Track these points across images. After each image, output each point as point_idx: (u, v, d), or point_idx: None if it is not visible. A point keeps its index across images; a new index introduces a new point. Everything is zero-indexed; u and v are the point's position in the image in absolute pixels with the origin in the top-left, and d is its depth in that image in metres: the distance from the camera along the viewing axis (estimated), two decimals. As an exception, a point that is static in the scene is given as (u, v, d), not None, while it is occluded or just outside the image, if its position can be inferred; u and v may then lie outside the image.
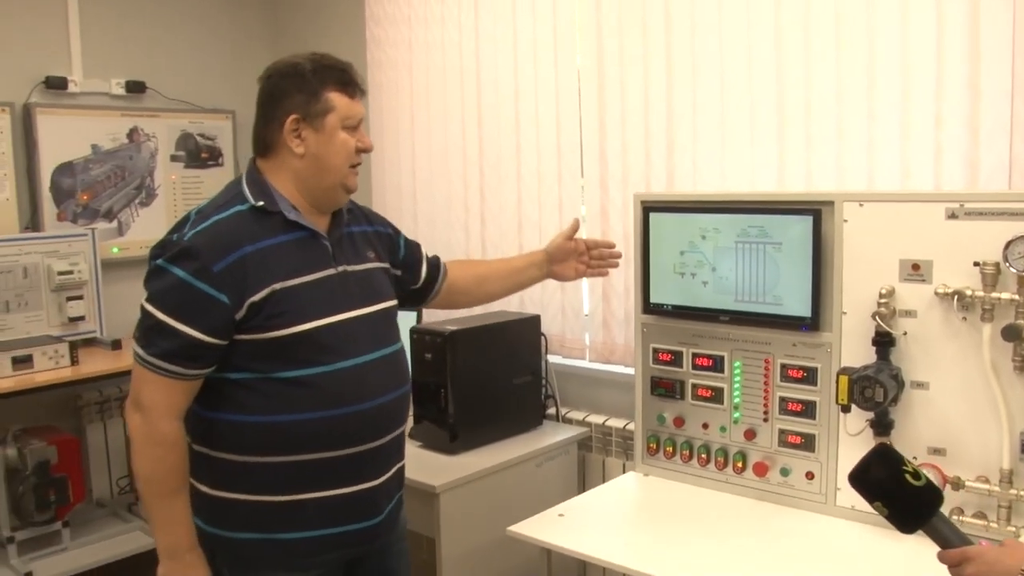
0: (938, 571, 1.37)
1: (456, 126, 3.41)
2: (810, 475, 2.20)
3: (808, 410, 2.20)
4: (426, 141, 3.53)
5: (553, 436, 2.97)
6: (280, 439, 1.73)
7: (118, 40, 3.79)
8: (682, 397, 2.43)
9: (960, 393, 1.96)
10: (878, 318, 2.00)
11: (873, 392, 1.94)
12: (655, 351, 2.47)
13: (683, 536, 2.11)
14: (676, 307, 2.40)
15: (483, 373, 2.87)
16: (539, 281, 2.29)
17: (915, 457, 2.01)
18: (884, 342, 2.01)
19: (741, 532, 2.12)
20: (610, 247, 2.30)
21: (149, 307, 1.69)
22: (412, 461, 2.49)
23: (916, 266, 1.98)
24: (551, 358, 3.17)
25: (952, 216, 1.92)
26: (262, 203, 1.75)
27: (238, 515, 1.77)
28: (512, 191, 3.25)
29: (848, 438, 2.11)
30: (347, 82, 1.80)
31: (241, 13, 4.19)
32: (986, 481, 1.93)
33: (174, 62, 3.96)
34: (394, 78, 3.64)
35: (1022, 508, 1.90)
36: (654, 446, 2.50)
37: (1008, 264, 1.83)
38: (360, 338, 1.81)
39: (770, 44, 2.52)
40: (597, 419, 3.05)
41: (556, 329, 3.16)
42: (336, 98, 1.78)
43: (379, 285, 1.93)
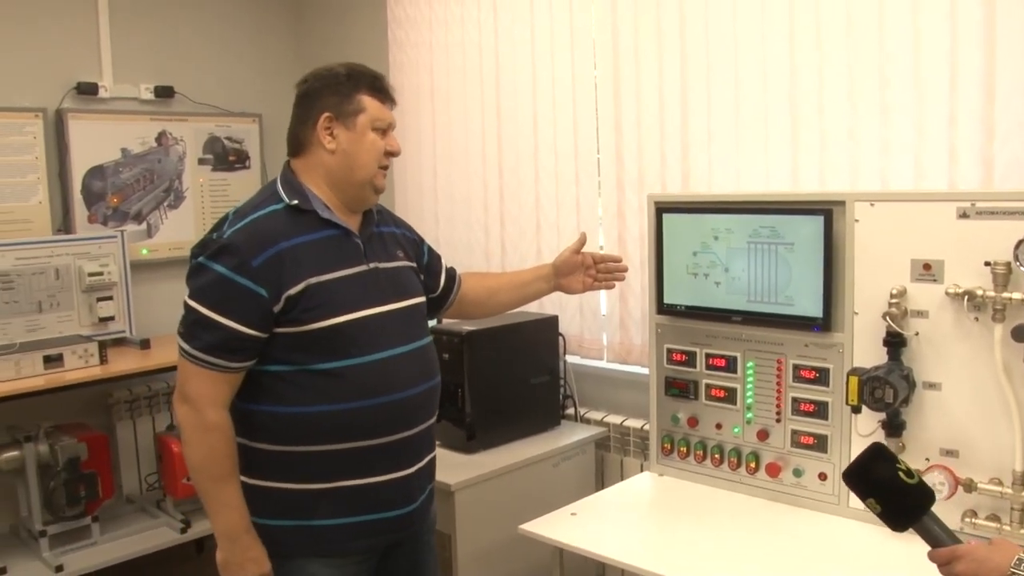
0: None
1: (476, 127, 3.44)
2: (823, 476, 2.19)
3: (820, 411, 2.19)
4: (447, 142, 3.57)
5: (570, 436, 2.99)
6: (315, 429, 1.79)
7: (147, 46, 3.87)
8: (696, 397, 2.43)
9: (973, 394, 1.94)
10: (889, 318, 1.99)
11: (883, 393, 1.93)
12: (669, 351, 2.48)
13: (695, 536, 2.12)
14: (689, 307, 2.41)
15: (501, 373, 2.89)
16: (547, 294, 2.31)
17: (927, 459, 2.00)
18: (895, 343, 2.00)
19: (753, 532, 2.12)
20: (617, 260, 2.31)
21: (192, 303, 1.76)
22: (430, 460, 2.53)
23: (927, 266, 1.97)
24: (569, 358, 3.19)
25: (963, 215, 1.91)
26: (296, 201, 1.82)
27: (275, 503, 1.82)
28: (530, 192, 3.27)
29: (860, 439, 2.10)
30: (379, 88, 1.90)
31: (267, 19, 4.26)
32: (999, 483, 1.91)
33: (202, 67, 4.04)
34: (415, 80, 3.68)
35: (1035, 510, 1.88)
36: (668, 446, 2.51)
37: (1019, 264, 1.81)
38: (391, 332, 1.86)
39: (784, 45, 2.52)
40: (615, 419, 3.06)
41: (574, 329, 3.18)
42: (368, 100, 1.86)
43: (408, 282, 1.98)
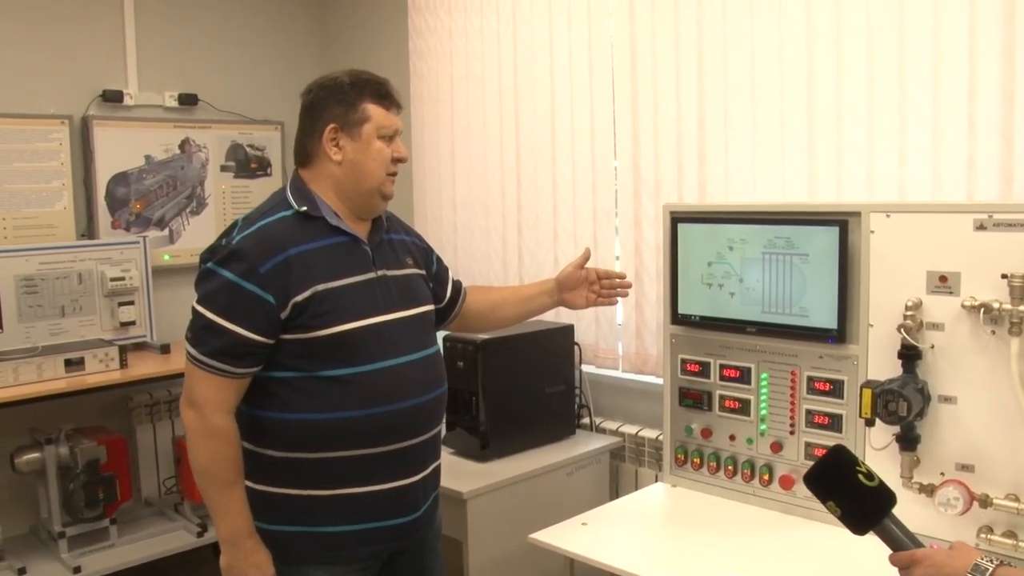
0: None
1: (494, 136, 3.45)
2: (837, 489, 2.17)
3: (834, 423, 2.17)
4: (465, 151, 3.58)
5: (585, 446, 2.98)
6: (321, 436, 1.79)
7: (172, 55, 3.92)
8: (709, 408, 2.42)
9: (989, 408, 1.91)
10: (903, 331, 1.96)
11: (897, 406, 1.91)
12: (683, 362, 2.46)
13: (706, 548, 2.10)
14: (704, 318, 2.39)
15: (515, 382, 2.89)
16: (550, 309, 2.30)
17: (943, 473, 1.98)
18: (910, 355, 1.98)
19: (765, 545, 2.10)
20: (620, 277, 2.30)
21: (200, 308, 1.77)
22: (443, 467, 2.51)
23: (943, 278, 1.95)
24: (585, 367, 3.18)
25: (980, 227, 1.88)
26: (305, 208, 1.83)
27: (280, 509, 1.83)
28: (548, 201, 3.27)
29: (875, 453, 2.07)
30: (384, 95, 1.89)
31: (290, 28, 4.30)
32: (1016, 499, 1.87)
33: (225, 75, 4.08)
34: (435, 89, 3.70)
35: (1053, 528, 1.85)
36: (682, 457, 2.49)
37: (1037, 277, 1.79)
38: (398, 339, 1.87)
39: (801, 55, 2.50)
40: (630, 429, 3.05)
41: (590, 339, 3.17)
42: (372, 109, 1.86)
43: (417, 290, 1.99)
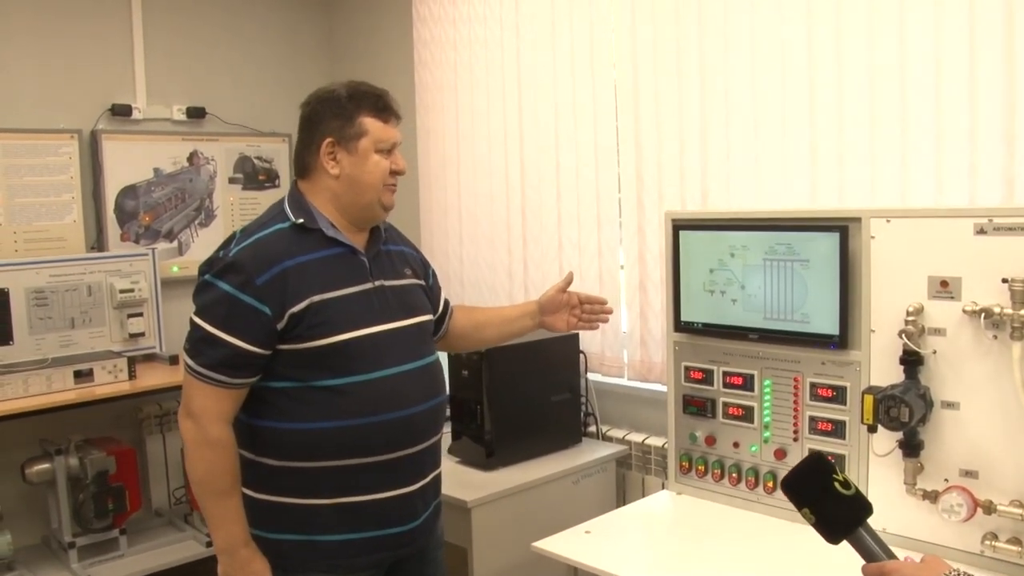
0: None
1: (498, 145, 3.46)
2: (841, 496, 2.16)
3: (838, 430, 2.16)
4: (470, 160, 3.60)
5: (591, 454, 2.98)
6: (319, 445, 1.80)
7: (180, 69, 3.96)
8: (713, 415, 2.41)
9: (992, 414, 1.90)
10: (905, 336, 1.96)
11: (899, 412, 1.90)
12: (687, 369, 2.46)
13: (710, 555, 2.10)
14: (706, 325, 2.39)
15: (520, 390, 2.90)
16: (531, 331, 2.29)
17: (946, 479, 1.96)
18: (912, 361, 1.97)
19: (769, 552, 2.10)
20: (602, 303, 2.27)
21: (197, 320, 1.80)
22: (449, 476, 2.53)
23: (945, 283, 1.94)
24: (590, 376, 3.19)
25: (981, 232, 1.88)
26: (302, 220, 1.85)
27: (279, 517, 1.84)
28: (552, 210, 3.28)
29: (878, 459, 2.06)
30: (381, 108, 1.88)
31: (296, 40, 4.34)
32: (1020, 505, 1.86)
33: (232, 88, 4.12)
34: (440, 98, 3.72)
35: (1058, 534, 1.84)
36: (686, 464, 2.48)
37: (1037, 281, 1.78)
38: (396, 349, 1.88)
39: (803, 62, 2.51)
40: (636, 437, 3.05)
41: (595, 347, 3.17)
42: (370, 123, 1.85)
43: (415, 300, 2.00)
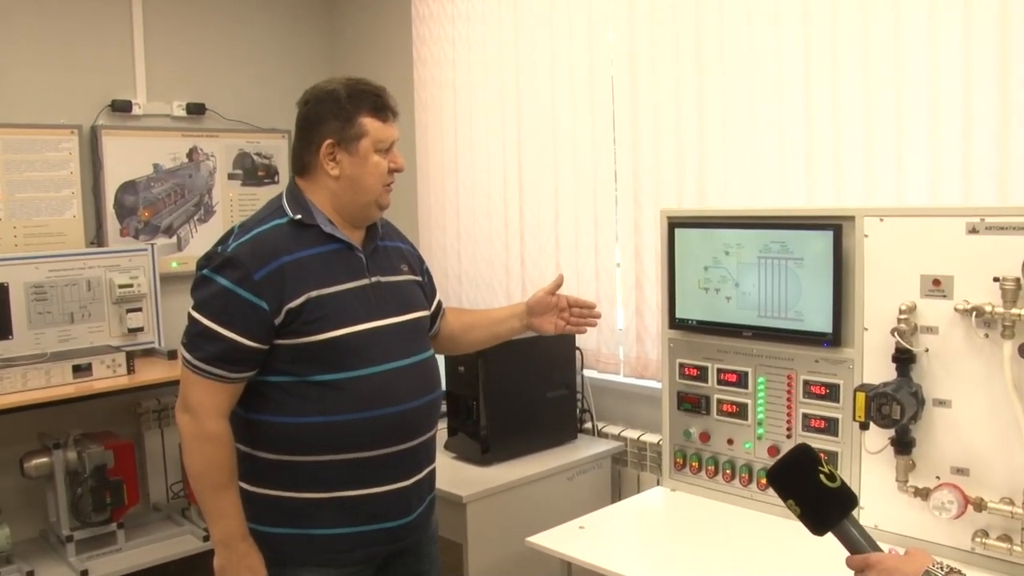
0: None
1: (496, 143, 3.47)
2: (833, 493, 2.17)
3: (831, 427, 2.17)
4: (468, 157, 3.61)
5: (586, 450, 2.99)
6: (315, 439, 1.82)
7: (180, 65, 3.98)
8: (708, 412, 2.42)
9: (984, 412, 1.91)
10: (897, 334, 1.97)
11: (890, 409, 1.91)
12: (681, 366, 2.47)
13: (703, 552, 2.11)
14: (701, 322, 2.40)
15: (516, 386, 2.91)
16: (520, 333, 2.27)
17: (938, 477, 1.97)
18: (904, 359, 1.98)
19: (762, 549, 2.11)
20: (590, 307, 2.25)
21: (195, 314, 1.81)
22: (445, 471, 2.55)
23: (937, 281, 1.95)
24: (586, 372, 3.20)
25: (973, 231, 1.89)
26: (299, 216, 1.86)
27: (275, 511, 1.85)
28: (549, 208, 3.29)
29: (870, 456, 2.07)
30: (380, 107, 1.87)
31: (296, 37, 4.34)
32: (1011, 503, 1.87)
33: (232, 85, 4.13)
34: (438, 96, 3.73)
35: (1048, 532, 1.84)
36: (681, 461, 2.49)
37: (1028, 280, 1.79)
38: (391, 345, 1.89)
39: (799, 62, 2.52)
40: (632, 434, 3.06)
41: (591, 344, 3.18)
42: (369, 123, 1.85)
43: (412, 296, 2.00)
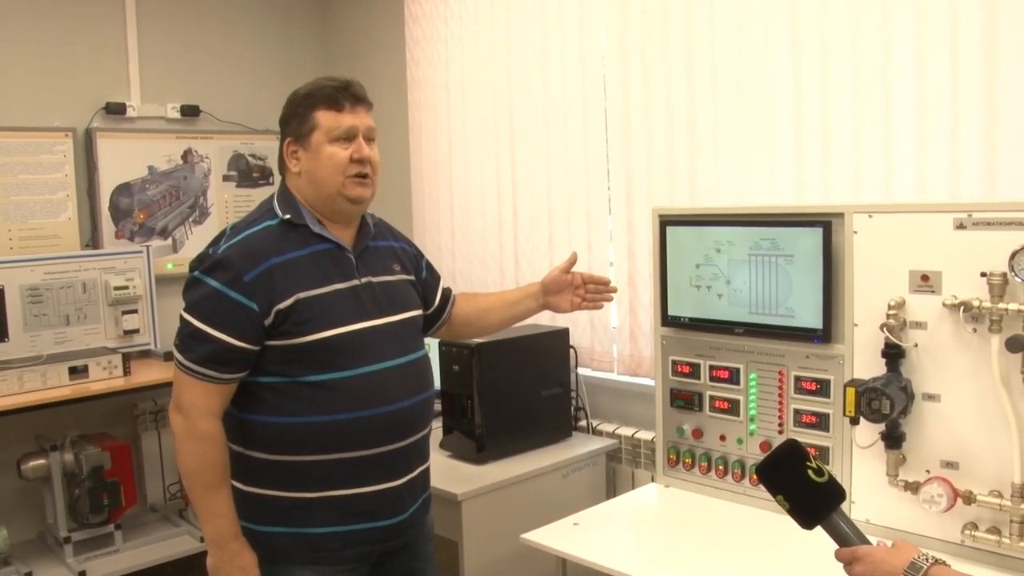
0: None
1: (490, 142, 3.49)
2: (825, 488, 2.19)
3: (822, 422, 2.19)
4: (462, 156, 3.62)
5: (581, 448, 3.00)
6: (307, 439, 1.83)
7: (174, 67, 3.98)
8: (700, 409, 2.44)
9: (973, 406, 1.93)
10: (886, 330, 1.98)
11: (880, 404, 1.93)
12: (674, 363, 2.49)
13: (696, 547, 2.12)
14: (693, 319, 2.42)
15: (511, 385, 2.92)
16: (536, 313, 2.29)
17: (928, 471, 1.99)
18: (893, 354, 1.99)
19: (754, 544, 2.12)
20: (605, 283, 2.28)
21: (187, 316, 1.82)
22: (440, 470, 2.56)
23: (925, 277, 1.97)
24: (581, 370, 3.21)
25: (960, 226, 1.90)
26: (288, 216, 1.87)
27: (268, 510, 1.87)
28: (543, 206, 3.30)
29: (861, 451, 2.09)
30: (334, 98, 1.86)
31: (290, 38, 4.35)
32: (999, 496, 1.89)
33: (226, 86, 4.13)
34: (432, 96, 3.74)
35: (1036, 523, 1.86)
36: (674, 457, 2.51)
37: (1015, 274, 1.80)
38: (383, 345, 1.90)
39: (788, 61, 2.54)
40: (626, 431, 3.07)
41: (585, 342, 3.20)
42: (321, 115, 1.86)
43: (404, 295, 2.01)
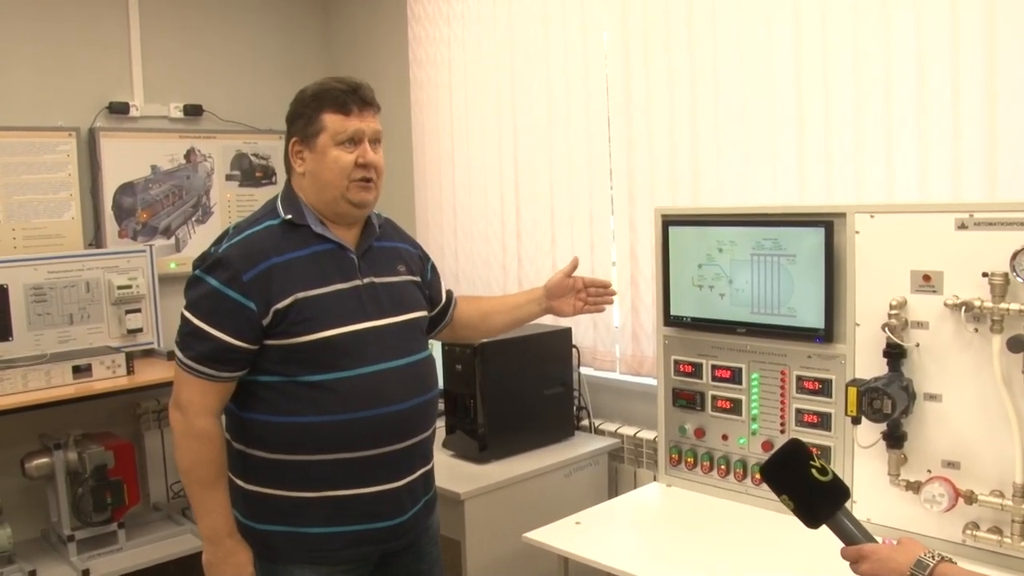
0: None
1: (492, 142, 3.49)
2: (827, 487, 2.19)
3: (824, 422, 2.19)
4: (464, 157, 3.62)
5: (583, 447, 3.01)
6: (306, 439, 1.84)
7: (176, 67, 3.98)
8: (702, 408, 2.45)
9: (974, 406, 1.93)
10: (888, 330, 1.99)
11: (882, 404, 1.93)
12: (676, 363, 2.50)
13: (698, 546, 2.13)
14: (695, 319, 2.42)
15: (513, 384, 2.92)
16: (538, 316, 2.32)
17: (929, 470, 2.00)
18: (895, 354, 2.00)
19: (756, 543, 2.13)
20: (605, 286, 2.30)
21: (187, 314, 1.83)
22: (443, 469, 2.56)
23: (927, 277, 1.97)
24: (583, 370, 3.21)
25: (962, 227, 1.91)
26: (290, 216, 1.88)
27: (268, 509, 1.88)
28: (545, 206, 3.31)
29: (862, 451, 2.09)
30: (342, 102, 1.85)
31: (293, 38, 4.35)
32: (1000, 495, 1.89)
33: (229, 86, 4.13)
34: (434, 96, 3.75)
35: (1037, 523, 1.86)
36: (676, 457, 2.52)
37: (1016, 274, 1.81)
38: (384, 346, 1.90)
39: (790, 61, 2.54)
40: (629, 431, 3.08)
41: (587, 341, 3.20)
42: (329, 118, 1.84)
43: (408, 296, 2.01)
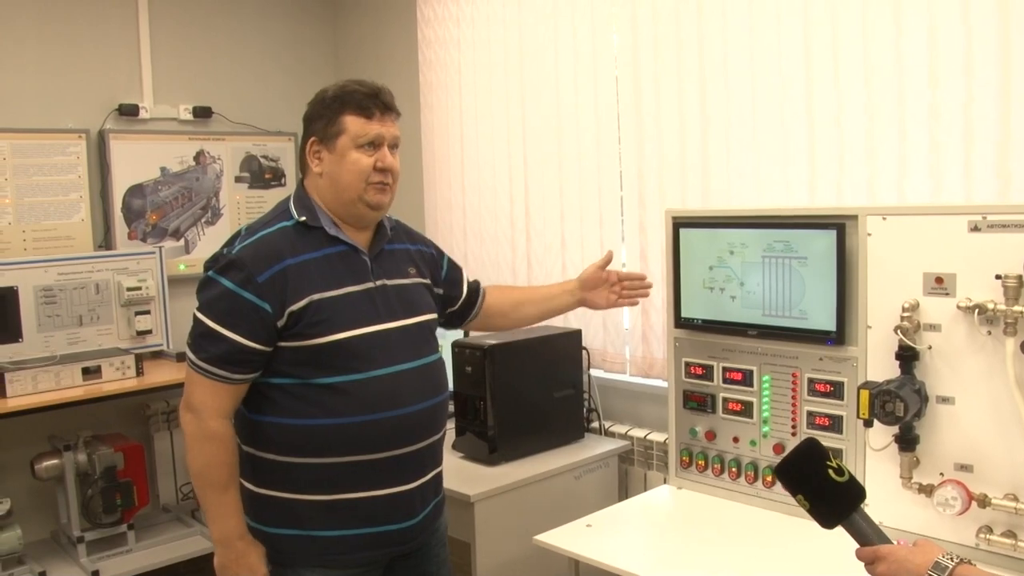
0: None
1: (502, 143, 3.49)
2: (839, 490, 2.18)
3: (835, 424, 2.19)
4: (474, 158, 3.62)
5: (593, 449, 3.01)
6: (318, 441, 1.84)
7: (186, 69, 4.00)
8: (713, 411, 2.44)
9: (987, 409, 1.92)
10: (900, 332, 1.98)
11: (894, 407, 1.93)
12: (687, 365, 2.49)
13: (709, 549, 2.12)
14: (706, 321, 2.42)
15: (523, 386, 2.92)
16: (572, 308, 2.35)
17: (942, 473, 1.99)
18: (907, 356, 1.99)
19: (767, 546, 2.12)
20: (641, 279, 2.34)
21: (200, 315, 1.83)
22: (453, 471, 2.57)
23: (940, 279, 1.96)
24: (593, 372, 3.21)
25: (975, 229, 1.90)
26: (304, 218, 1.88)
27: (279, 512, 1.88)
28: (555, 207, 3.31)
29: (874, 453, 2.09)
30: (364, 105, 1.86)
31: (302, 40, 4.36)
32: (1014, 499, 1.88)
33: (239, 88, 4.14)
34: (444, 98, 3.75)
35: (1052, 527, 1.86)
36: (687, 459, 2.51)
37: (1030, 277, 1.80)
38: (396, 348, 1.90)
39: (801, 62, 2.53)
40: (639, 433, 3.07)
41: (598, 343, 3.20)
42: (350, 120, 1.85)
43: (418, 299, 2.01)
